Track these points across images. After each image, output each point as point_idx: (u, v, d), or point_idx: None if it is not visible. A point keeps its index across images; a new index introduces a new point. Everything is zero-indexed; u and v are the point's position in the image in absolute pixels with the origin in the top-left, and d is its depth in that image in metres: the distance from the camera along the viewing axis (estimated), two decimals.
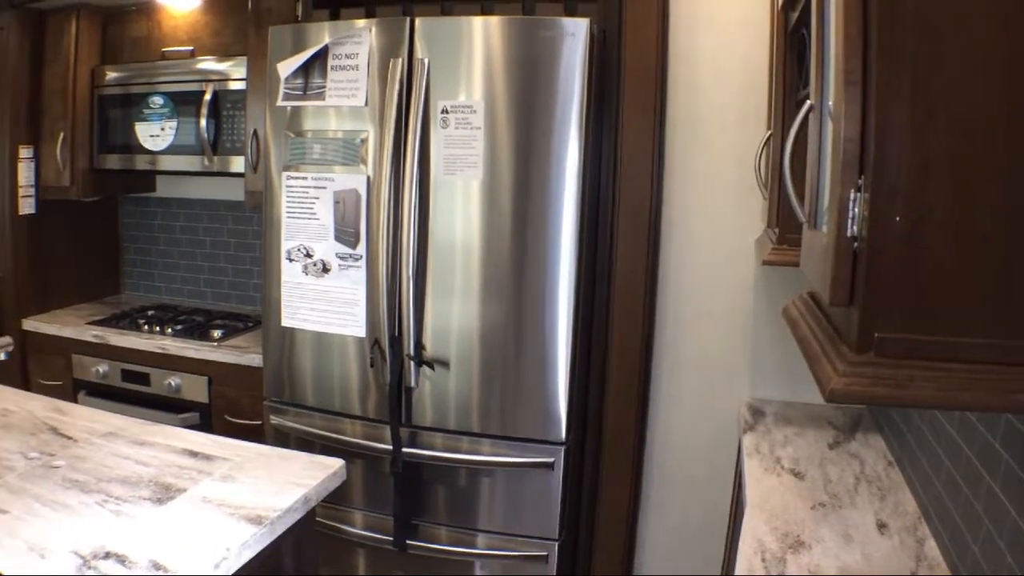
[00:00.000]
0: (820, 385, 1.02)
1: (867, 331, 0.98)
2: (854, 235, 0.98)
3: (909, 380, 0.96)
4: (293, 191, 2.61)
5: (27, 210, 3.61)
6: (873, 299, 0.97)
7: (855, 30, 0.98)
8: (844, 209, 0.99)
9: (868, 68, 0.97)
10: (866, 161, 0.96)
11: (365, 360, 2.63)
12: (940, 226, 0.93)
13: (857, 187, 0.98)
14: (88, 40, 3.55)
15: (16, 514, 1.74)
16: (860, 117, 0.97)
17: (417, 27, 2.45)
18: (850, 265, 1.00)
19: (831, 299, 1.03)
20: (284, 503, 1.77)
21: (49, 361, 3.52)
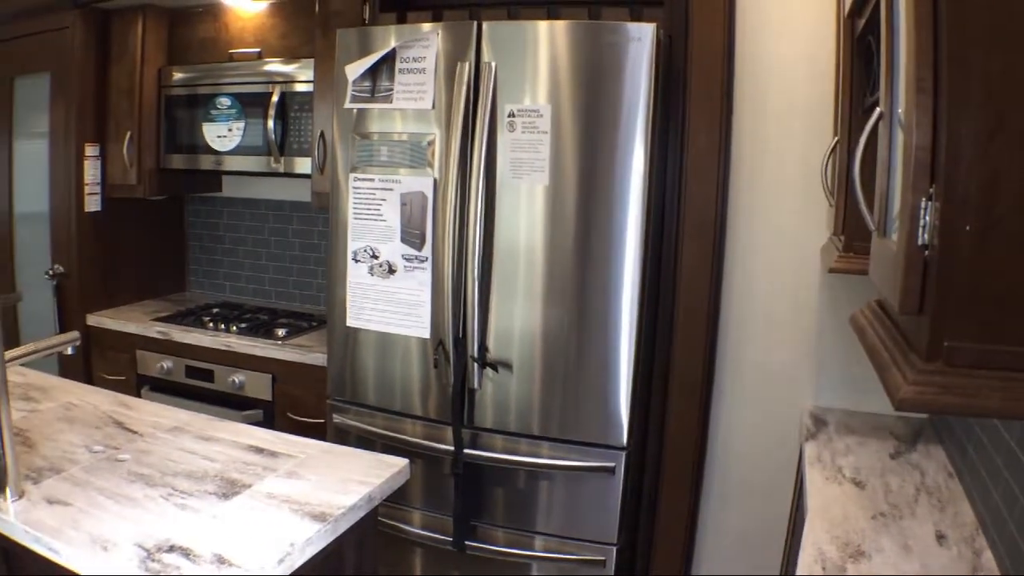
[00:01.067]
0: (890, 394, 1.04)
1: (937, 340, 0.98)
2: (925, 244, 0.99)
3: (977, 390, 0.96)
4: (360, 192, 2.71)
5: (93, 207, 3.78)
6: (943, 308, 0.98)
7: (926, 38, 1.00)
8: (915, 217, 1.00)
9: (939, 76, 0.98)
10: (937, 170, 0.97)
11: (427, 361, 2.71)
12: (1010, 236, 0.94)
13: (928, 195, 0.98)
14: (154, 40, 3.71)
15: (80, 507, 1.79)
16: (931, 125, 0.98)
17: (484, 31, 2.52)
18: (920, 274, 1.01)
19: (901, 307, 1.04)
20: (348, 501, 1.82)
21: (113, 356, 3.67)
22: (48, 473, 1.96)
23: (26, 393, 2.51)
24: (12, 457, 1.80)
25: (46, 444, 2.15)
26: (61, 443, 2.15)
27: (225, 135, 3.50)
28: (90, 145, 3.74)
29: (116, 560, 1.56)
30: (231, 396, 3.35)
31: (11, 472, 1.80)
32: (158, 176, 3.77)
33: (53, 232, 3.86)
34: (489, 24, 2.54)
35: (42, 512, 1.77)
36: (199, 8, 3.66)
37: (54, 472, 1.97)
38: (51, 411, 2.42)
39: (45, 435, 2.22)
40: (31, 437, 2.18)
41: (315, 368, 3.11)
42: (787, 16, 2.70)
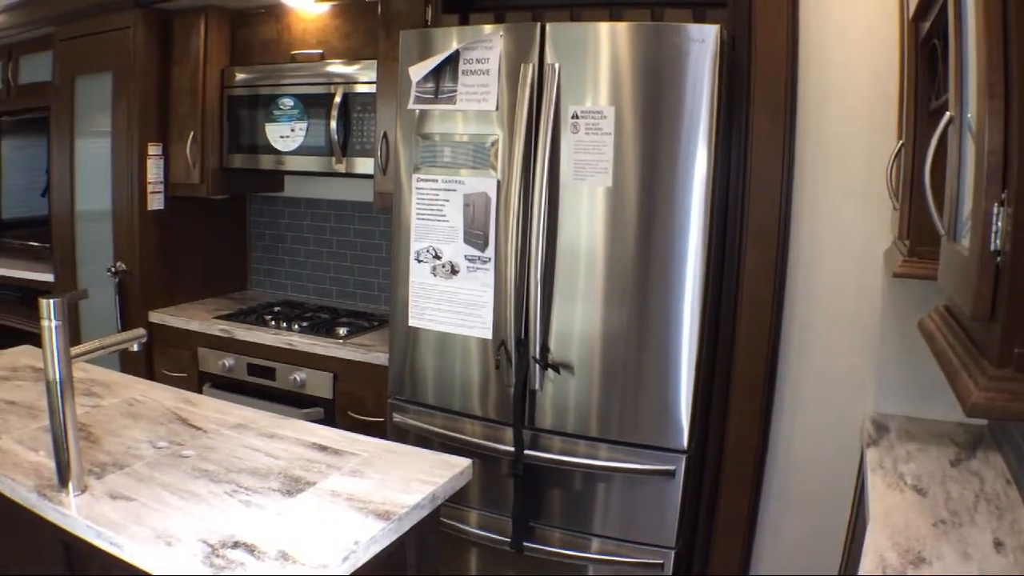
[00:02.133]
0: (960, 399, 1.05)
1: (1008, 346, 0.99)
2: (997, 249, 1.00)
3: None
4: (423, 193, 2.81)
5: (156, 206, 3.94)
6: (1015, 314, 0.98)
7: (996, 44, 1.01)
8: (987, 223, 1.01)
9: (1010, 81, 0.99)
10: (1009, 175, 0.98)
11: (486, 361, 2.79)
12: None
13: (1000, 201, 0.99)
14: (217, 41, 3.86)
15: (144, 502, 1.85)
16: (1003, 130, 0.99)
17: (547, 32, 2.59)
18: (992, 279, 1.01)
19: (972, 313, 1.06)
20: (412, 500, 1.86)
21: (174, 353, 3.83)
22: (111, 468, 2.03)
23: (89, 389, 2.60)
24: (75, 452, 1.87)
25: (109, 439, 2.22)
26: (125, 438, 2.23)
27: (288, 135, 3.64)
28: (153, 144, 3.91)
29: (180, 555, 1.62)
30: (292, 394, 3.48)
31: (74, 467, 1.87)
32: (221, 175, 3.93)
33: (116, 230, 4.03)
34: (552, 25, 2.60)
35: (105, 507, 1.82)
36: (261, 9, 3.81)
37: (117, 467, 2.04)
38: (114, 407, 2.49)
39: (108, 430, 2.29)
40: (94, 432, 2.26)
41: (376, 367, 3.22)
42: (850, 18, 2.74)
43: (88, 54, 4.18)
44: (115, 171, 4.01)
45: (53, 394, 1.82)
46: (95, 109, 4.20)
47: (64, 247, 4.37)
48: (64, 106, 4.30)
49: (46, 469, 2.00)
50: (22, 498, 1.93)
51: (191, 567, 1.57)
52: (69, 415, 1.83)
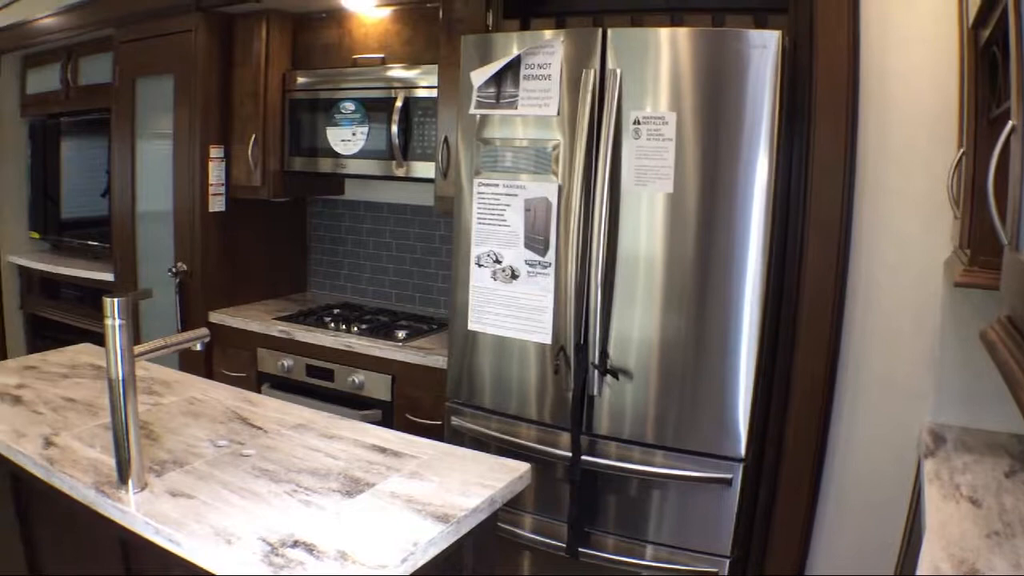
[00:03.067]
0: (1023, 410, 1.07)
1: None
2: None
3: None
4: (484, 198, 2.89)
5: (217, 207, 4.09)
6: None
7: None
8: None
9: None
10: None
11: (544, 365, 2.86)
12: None
13: None
14: (278, 45, 4.00)
15: (203, 499, 1.90)
16: None
17: (608, 38, 2.64)
18: None
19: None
20: (471, 503, 1.90)
21: (234, 353, 3.96)
22: (171, 466, 2.10)
23: (150, 387, 2.69)
24: (136, 449, 1.92)
25: (170, 437, 2.30)
26: (185, 437, 2.30)
27: (349, 139, 3.76)
28: (214, 147, 4.05)
29: (239, 553, 1.66)
30: (351, 396, 3.58)
31: (134, 464, 1.92)
32: (282, 178, 4.06)
33: (177, 231, 4.17)
34: (614, 31, 2.65)
35: (164, 504, 1.88)
36: (323, 14, 3.94)
37: (177, 465, 2.10)
38: (175, 405, 2.57)
39: (169, 428, 2.37)
40: (155, 430, 2.33)
41: (434, 370, 3.31)
42: (910, 24, 2.76)
43: (149, 56, 4.33)
44: (176, 173, 4.15)
45: (115, 392, 1.88)
46: (156, 111, 4.35)
47: (124, 247, 4.53)
48: (125, 108, 4.46)
49: (105, 466, 2.07)
50: (81, 495, 2.00)
51: (250, 565, 1.62)
52: (131, 413, 1.89)
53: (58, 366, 3.00)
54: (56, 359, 3.11)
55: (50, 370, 2.94)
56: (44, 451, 2.18)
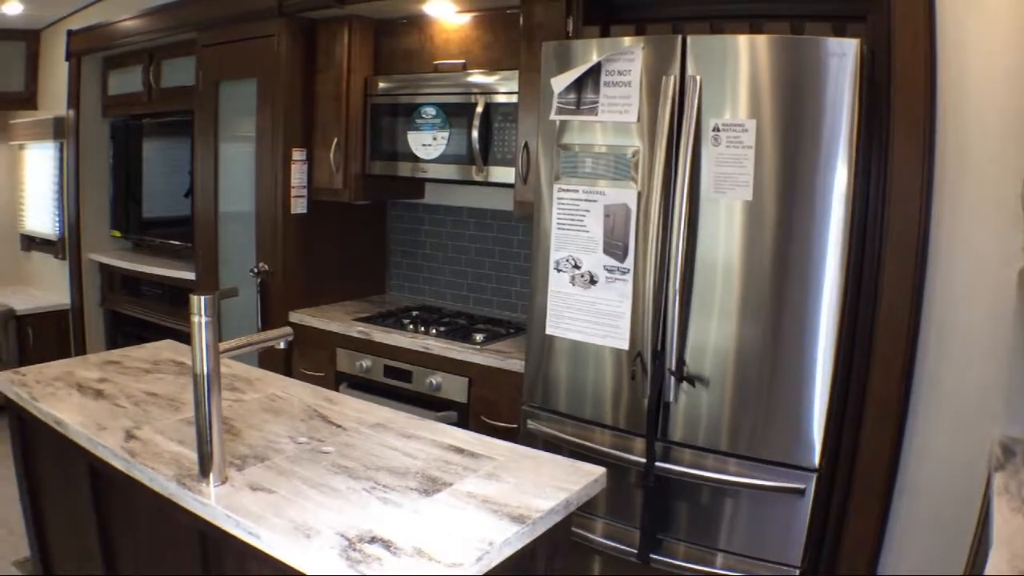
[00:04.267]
0: None
1: None
2: None
3: None
4: (564, 203, 2.97)
5: (299, 210, 4.25)
6: None
7: None
8: None
9: None
10: None
11: (619, 371, 2.93)
12: None
13: None
14: (360, 50, 4.14)
15: (283, 494, 1.98)
16: None
17: (688, 45, 2.69)
18: None
19: None
20: (546, 505, 1.95)
21: (313, 353, 4.11)
22: (252, 461, 2.19)
23: (232, 384, 2.81)
24: (218, 444, 2.01)
25: (251, 433, 2.39)
26: (266, 432, 2.40)
27: (430, 144, 3.88)
28: (297, 150, 4.22)
29: (318, 547, 1.72)
30: (427, 397, 3.69)
31: (216, 458, 2.01)
32: (363, 181, 4.21)
33: (259, 232, 4.35)
34: (693, 38, 2.70)
35: (245, 498, 1.96)
36: (404, 20, 4.07)
37: (258, 460, 2.19)
38: (256, 401, 2.68)
39: (250, 424, 2.47)
40: (236, 426, 2.44)
41: (511, 373, 3.40)
42: (987, 33, 2.75)
43: (232, 60, 4.51)
44: (259, 175, 4.33)
45: (200, 387, 1.96)
46: (238, 114, 4.53)
47: (207, 247, 4.72)
48: (208, 110, 4.65)
49: (186, 460, 2.17)
50: (162, 487, 2.09)
51: (328, 559, 1.68)
52: (214, 408, 1.97)
53: (140, 361, 3.14)
54: (138, 354, 3.25)
55: (132, 365, 3.08)
56: (125, 444, 2.28)
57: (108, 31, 5.65)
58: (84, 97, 6.18)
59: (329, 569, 1.67)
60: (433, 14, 3.92)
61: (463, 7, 3.81)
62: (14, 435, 2.97)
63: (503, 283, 4.31)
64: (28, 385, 2.79)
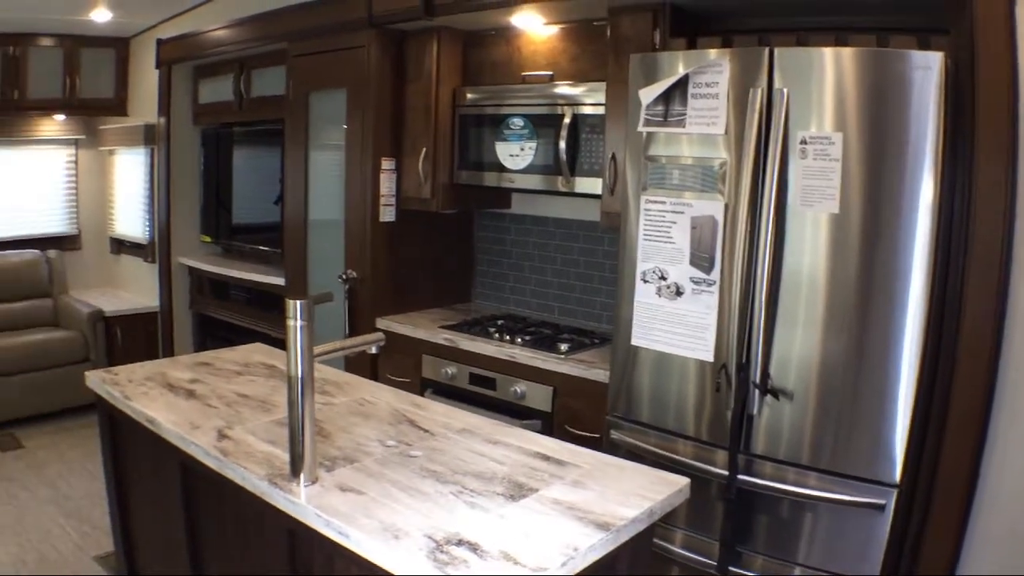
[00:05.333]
0: None
1: None
2: None
3: None
4: (651, 215, 3.03)
5: (387, 218, 4.40)
6: None
7: None
8: None
9: None
10: None
11: (703, 382, 2.97)
12: None
13: None
14: (449, 61, 4.27)
15: (372, 496, 2.06)
16: None
17: (775, 57, 2.73)
18: None
19: None
20: (630, 513, 2.00)
21: (399, 359, 4.24)
22: (341, 462, 2.28)
23: (322, 387, 2.91)
24: (310, 444, 2.10)
25: (340, 435, 2.49)
26: (355, 435, 2.50)
27: (517, 154, 3.99)
28: (386, 159, 4.37)
29: (406, 548, 1.79)
30: (512, 405, 3.78)
31: (307, 458, 2.10)
32: (451, 191, 4.33)
33: (348, 239, 4.49)
34: (780, 50, 2.73)
35: (334, 498, 2.04)
36: (492, 31, 4.20)
37: (347, 462, 2.28)
38: (345, 405, 2.80)
39: (339, 427, 2.57)
40: (326, 428, 2.54)
41: (595, 384, 3.46)
42: None
43: (322, 70, 4.67)
44: (348, 183, 4.48)
45: (294, 389, 2.06)
46: (327, 123, 4.70)
47: (296, 253, 4.90)
48: (298, 119, 4.81)
49: (278, 459, 2.27)
50: (253, 485, 2.19)
51: (416, 560, 1.75)
52: (307, 410, 2.06)
53: (231, 363, 3.28)
54: (229, 356, 3.39)
55: (223, 367, 3.22)
56: (218, 443, 2.40)
57: (198, 40, 5.88)
58: (175, 105, 6.44)
59: (417, 570, 1.74)
60: (521, 26, 4.02)
61: (551, 19, 3.90)
62: (104, 433, 3.12)
63: (588, 293, 4.38)
64: (120, 384, 2.94)
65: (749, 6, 3.42)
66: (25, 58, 6.72)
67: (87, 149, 7.62)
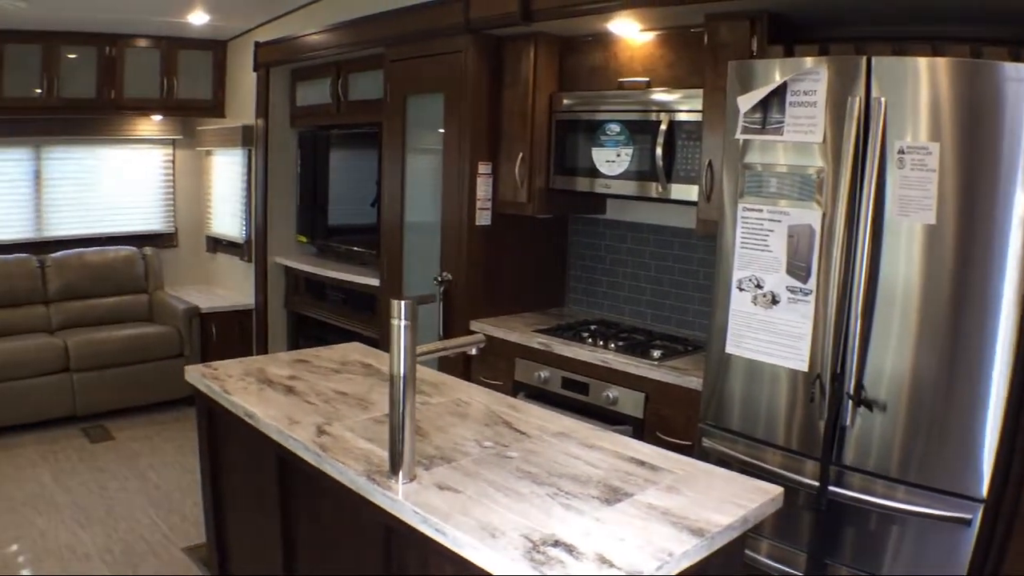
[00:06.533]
0: None
1: None
2: None
3: None
4: (748, 223, 3.08)
5: (483, 222, 4.52)
6: None
7: None
8: None
9: None
10: None
11: (795, 392, 2.99)
12: None
13: None
14: (546, 67, 4.36)
15: (469, 495, 2.12)
16: None
17: (873, 66, 2.75)
18: None
19: None
20: (724, 520, 2.03)
21: (492, 362, 4.35)
22: (438, 461, 2.35)
23: (419, 387, 2.86)
24: (410, 443, 2.17)
25: (438, 435, 2.58)
26: (452, 435, 2.58)
27: (613, 160, 4.07)
28: (483, 163, 4.48)
29: (503, 547, 1.85)
30: (603, 410, 3.84)
31: (406, 456, 2.17)
32: (547, 196, 4.43)
33: (444, 242, 4.62)
34: (877, 59, 2.76)
35: (432, 496, 2.11)
36: (589, 37, 4.28)
37: (444, 461, 2.35)
38: (442, 405, 2.89)
39: (437, 427, 2.66)
40: (423, 427, 2.62)
41: (687, 391, 3.52)
42: None
43: (419, 75, 4.81)
44: (445, 187, 4.61)
45: (396, 388, 2.13)
46: (423, 127, 4.85)
47: (392, 255, 5.06)
48: (396, 123, 4.96)
49: (376, 456, 2.36)
50: (351, 481, 2.28)
51: (513, 560, 1.81)
52: (408, 408, 2.14)
53: (329, 361, 3.41)
54: (327, 355, 3.52)
55: (321, 365, 3.35)
56: (317, 439, 2.51)
57: (295, 44, 6.07)
58: (273, 107, 6.65)
59: (514, 569, 1.80)
60: (618, 32, 4.09)
61: (647, 25, 3.97)
62: (201, 426, 3.28)
63: (682, 300, 4.42)
64: (220, 379, 3.10)
65: (846, 14, 3.45)
66: (121, 58, 7.01)
67: (184, 149, 7.92)
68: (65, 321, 6.84)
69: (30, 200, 7.24)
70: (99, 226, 7.56)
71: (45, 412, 6.20)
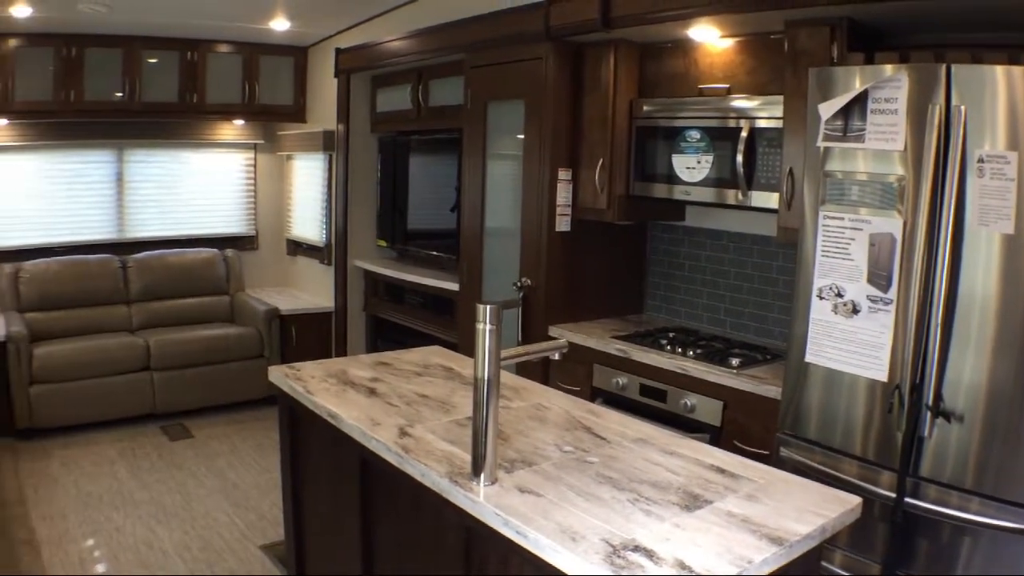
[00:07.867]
0: None
1: None
2: None
3: None
4: (829, 231, 3.10)
5: (562, 227, 4.61)
6: None
7: None
8: None
9: None
10: None
11: (872, 402, 3.01)
12: None
13: None
14: (626, 74, 4.43)
15: (550, 499, 2.16)
16: None
17: (952, 74, 2.76)
18: None
19: None
20: (803, 529, 2.05)
21: (571, 368, 4.42)
22: (519, 465, 2.40)
23: (500, 392, 3.00)
24: (492, 445, 2.21)
25: (518, 439, 2.63)
26: (532, 439, 2.63)
27: (693, 167, 4.13)
28: (563, 169, 4.57)
29: (583, 551, 1.88)
30: (681, 418, 3.90)
31: (488, 459, 2.22)
32: (626, 202, 4.49)
33: (524, 248, 4.72)
34: (956, 67, 2.77)
35: (513, 499, 2.16)
36: (669, 44, 4.34)
37: (525, 465, 2.40)
38: (522, 410, 2.95)
39: (517, 430, 2.71)
40: (504, 431, 2.67)
41: (766, 400, 3.54)
42: None
43: (499, 81, 4.92)
44: (525, 192, 4.70)
45: (480, 391, 2.19)
46: (502, 133, 4.95)
47: (472, 259, 5.16)
48: (476, 129, 5.07)
49: (457, 458, 2.42)
50: (433, 482, 2.34)
51: (592, 563, 1.85)
52: (492, 411, 2.19)
53: (410, 364, 3.51)
54: (408, 358, 3.63)
55: (403, 367, 3.45)
56: (399, 440, 2.60)
57: (376, 51, 6.22)
58: (354, 113, 6.82)
59: (594, 572, 1.84)
60: (698, 39, 4.14)
61: (727, 32, 4.01)
62: (283, 426, 3.40)
63: (761, 308, 4.46)
64: (303, 380, 3.21)
65: (926, 22, 3.45)
66: (203, 63, 7.23)
67: (265, 153, 8.14)
68: (146, 321, 7.09)
69: (112, 202, 7.48)
70: (181, 228, 7.80)
71: (125, 410, 6.44)
